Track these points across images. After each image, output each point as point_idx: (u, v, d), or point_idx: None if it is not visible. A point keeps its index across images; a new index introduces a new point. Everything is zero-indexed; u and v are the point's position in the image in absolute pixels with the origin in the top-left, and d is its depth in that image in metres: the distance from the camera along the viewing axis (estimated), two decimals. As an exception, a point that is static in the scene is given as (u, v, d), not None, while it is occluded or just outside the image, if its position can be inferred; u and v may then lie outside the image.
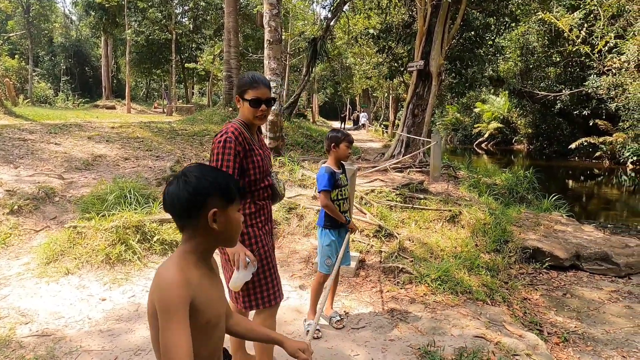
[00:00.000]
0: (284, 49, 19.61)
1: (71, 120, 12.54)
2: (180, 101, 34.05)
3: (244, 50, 23.25)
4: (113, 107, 29.37)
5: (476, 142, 27.58)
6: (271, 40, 7.51)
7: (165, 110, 26.83)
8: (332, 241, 3.00)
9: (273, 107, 2.66)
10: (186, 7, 29.37)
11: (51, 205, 5.15)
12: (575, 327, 3.78)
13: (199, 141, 9.52)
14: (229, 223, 1.17)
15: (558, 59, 20.40)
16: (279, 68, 7.63)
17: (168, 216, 3.37)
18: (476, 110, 27.23)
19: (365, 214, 5.25)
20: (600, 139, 17.60)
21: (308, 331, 3.01)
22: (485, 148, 26.69)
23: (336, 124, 31.91)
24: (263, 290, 2.14)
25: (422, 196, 6.30)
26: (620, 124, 16.74)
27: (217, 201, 1.14)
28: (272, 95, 2.26)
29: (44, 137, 7.94)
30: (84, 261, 3.92)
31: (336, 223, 2.98)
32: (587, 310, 4.09)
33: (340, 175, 3.00)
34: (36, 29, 36.84)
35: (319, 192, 2.95)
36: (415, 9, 11.59)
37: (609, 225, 7.97)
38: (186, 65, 30.02)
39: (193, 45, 31.61)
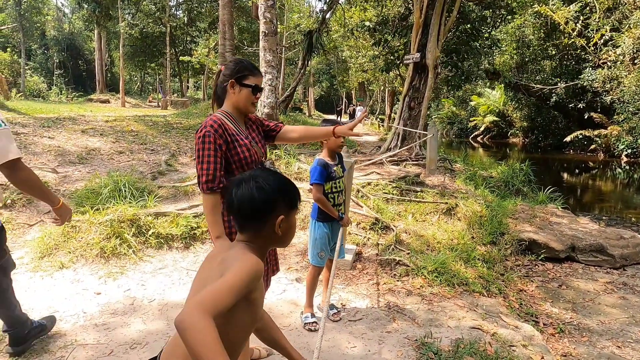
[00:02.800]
0: (279, 42, 19.46)
1: (65, 114, 12.42)
2: (175, 95, 33.85)
3: (239, 43, 23.06)
4: (107, 101, 29.15)
5: (472, 136, 27.63)
6: (267, 32, 7.44)
7: (160, 104, 26.66)
8: (325, 234, 2.97)
9: (269, 100, 2.61)
10: (180, 0, 29.10)
11: (45, 199, 5.10)
12: (571, 318, 3.80)
13: (194, 135, 9.46)
14: (290, 228, 1.24)
15: (554, 52, 20.42)
16: (275, 60, 7.57)
17: (164, 209, 3.32)
18: (472, 103, 27.24)
19: (361, 206, 5.24)
20: (595, 132, 17.67)
21: (306, 323, 3.00)
22: (481, 141, 26.74)
23: (332, 117, 31.83)
24: None
25: (418, 189, 6.30)
26: (615, 117, 16.81)
27: (284, 207, 1.19)
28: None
29: (37, 131, 7.85)
30: (78, 255, 3.89)
31: (329, 216, 2.94)
32: (582, 302, 4.12)
33: (335, 167, 2.94)
34: (28, 21, 36.35)
35: (310, 185, 2.91)
36: (411, 1, 11.52)
37: (604, 218, 8.01)
38: (181, 58, 29.77)
39: (188, 38, 31.37)
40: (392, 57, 14.29)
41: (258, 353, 2.56)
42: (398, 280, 3.82)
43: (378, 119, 30.51)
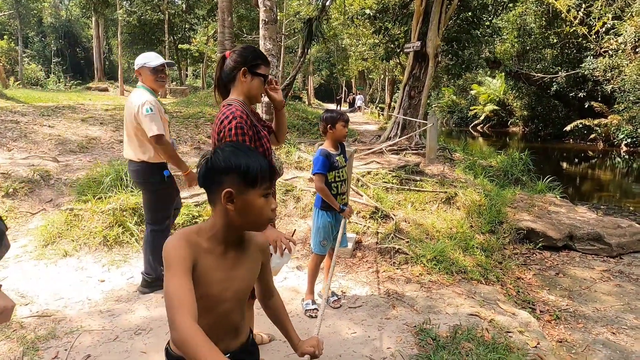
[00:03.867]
0: (279, 30, 19.30)
1: (64, 102, 12.38)
2: (174, 83, 33.64)
3: (238, 30, 22.86)
4: (106, 89, 28.98)
5: (472, 125, 27.57)
6: (266, 20, 7.39)
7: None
8: (327, 222, 3.01)
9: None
10: (178, -14, 28.76)
11: (47, 188, 5.13)
12: (567, 305, 3.87)
13: (194, 123, 9.45)
14: (247, 207, 1.14)
15: (555, 41, 20.28)
16: (275, 49, 7.53)
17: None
18: (472, 92, 27.12)
19: (361, 195, 5.28)
20: (595, 121, 17.63)
21: (307, 310, 3.06)
22: (480, 130, 26.70)
23: (332, 107, 31.72)
24: None
25: (418, 178, 6.33)
26: (615, 106, 16.76)
27: (235, 182, 1.12)
28: None
29: (36, 119, 7.85)
30: (81, 243, 3.94)
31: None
32: (578, 289, 4.18)
33: (337, 157, 2.97)
34: (25, 8, 35.95)
35: (312, 175, 2.94)
36: (412, -11, 11.41)
37: (602, 207, 8.06)
38: (179, 46, 29.53)
39: (186, 26, 31.05)
40: (392, 46, 14.19)
41: (260, 338, 2.62)
42: (397, 268, 3.87)
43: (378, 108, 30.39)
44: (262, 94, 2.07)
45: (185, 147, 7.72)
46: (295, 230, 4.43)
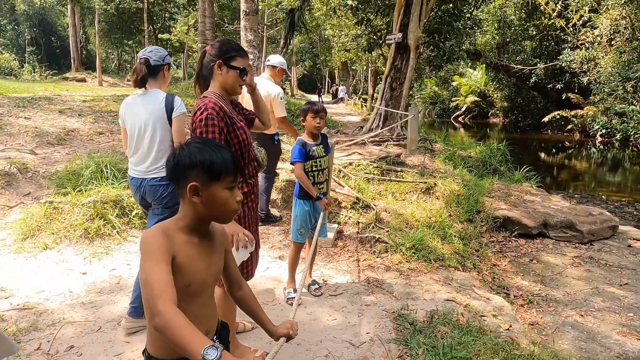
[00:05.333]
0: (260, 20, 19.12)
1: (40, 93, 12.06)
2: (155, 74, 32.97)
3: (219, 20, 22.55)
4: (84, 80, 28.31)
5: (454, 116, 27.92)
6: (247, 11, 7.35)
7: (138, 83, 25.96)
8: (306, 212, 3.06)
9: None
10: (158, -26, 28.11)
11: (24, 181, 5.05)
12: (539, 290, 4.03)
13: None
14: (212, 200, 1.20)
15: (534, 33, 20.63)
16: (256, 40, 7.50)
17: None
18: (454, 83, 27.44)
19: (343, 186, 5.35)
20: (572, 113, 18.06)
21: (288, 298, 3.12)
22: (462, 121, 27.06)
23: (315, 98, 31.67)
24: (243, 267, 2.16)
25: (399, 169, 6.44)
26: (591, 97, 17.19)
27: (199, 176, 1.18)
28: None
29: (12, 111, 7.66)
30: (62, 236, 3.91)
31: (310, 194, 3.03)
32: (550, 275, 4.35)
33: (314, 147, 3.02)
34: (-4, -5, 34.71)
35: (291, 164, 3.01)
36: (393, -20, 11.43)
37: (575, 195, 8.33)
38: (159, 36, 28.94)
39: (166, 15, 30.45)
40: (374, 37, 14.25)
41: (243, 327, 2.67)
42: (377, 257, 3.97)
43: (361, 99, 30.44)
44: (240, 86, 2.10)
45: (167, 139, 7.65)
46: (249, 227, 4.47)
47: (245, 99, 3.82)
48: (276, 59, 4.51)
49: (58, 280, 3.31)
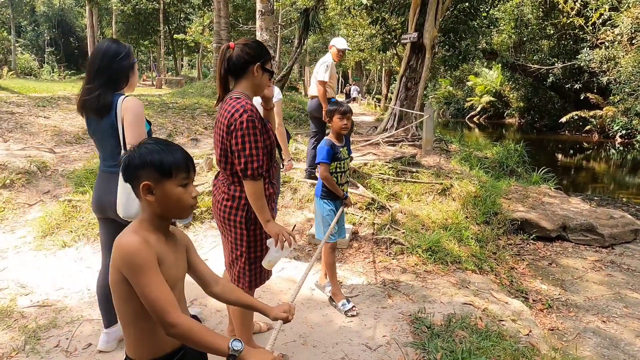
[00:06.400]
0: (275, 20, 19.17)
1: (59, 93, 12.29)
2: (170, 73, 33.43)
3: (234, 20, 22.68)
4: (101, 80, 28.68)
5: (468, 116, 27.61)
6: (263, 10, 7.36)
7: (154, 82, 26.35)
8: (331, 211, 3.03)
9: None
10: (173, -25, 28.40)
11: (44, 179, 5.14)
12: (559, 294, 3.94)
13: (190, 114, 9.43)
14: (166, 197, 1.23)
15: (552, 32, 20.27)
16: (271, 40, 7.52)
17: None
18: (469, 83, 27.13)
19: (358, 187, 5.32)
20: (591, 113, 17.71)
21: (346, 312, 2.97)
22: (477, 122, 26.75)
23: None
24: (262, 270, 2.15)
25: (414, 169, 6.37)
26: (610, 97, 16.83)
27: (151, 175, 1.21)
28: None
29: (32, 110, 7.82)
30: (80, 234, 3.96)
31: (333, 194, 3.00)
32: (570, 279, 4.26)
33: (341, 149, 3.01)
34: (17, -3, 35.49)
35: (317, 164, 2.98)
36: (409, -21, 11.34)
37: (595, 198, 8.15)
38: (175, 36, 29.28)
39: (181, 16, 30.79)
40: (389, 37, 14.16)
41: (259, 327, 2.67)
42: (393, 259, 3.92)
43: (374, 99, 30.30)
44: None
45: (182, 138, 7.72)
46: (295, 224, 4.47)
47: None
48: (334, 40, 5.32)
49: (76, 277, 3.35)
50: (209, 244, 4.04)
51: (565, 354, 2.88)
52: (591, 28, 17.12)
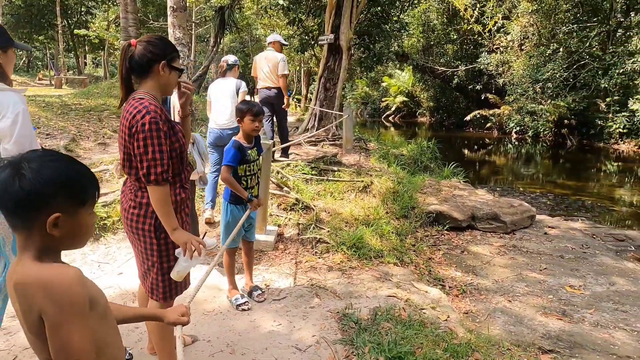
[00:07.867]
0: (189, 18, 18.42)
1: None
2: (71, 72, 30.60)
3: (143, 16, 21.38)
4: (-14, 78, 25.38)
5: (384, 115, 28.88)
6: (175, 7, 7.01)
7: (53, 82, 23.93)
8: (238, 218, 2.93)
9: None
10: (71, -35, 26.04)
11: None
12: (471, 279, 4.27)
13: (97, 117, 8.69)
14: (77, 229, 0.98)
15: (455, 37, 21.97)
16: (185, 38, 7.19)
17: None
18: (384, 84, 28.36)
19: (281, 188, 5.29)
20: (491, 112, 19.48)
21: (237, 305, 3.00)
22: (392, 121, 28.09)
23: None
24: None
25: (335, 168, 6.50)
26: (506, 97, 18.66)
27: (64, 204, 0.94)
28: None
29: None
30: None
31: (241, 198, 2.91)
32: (480, 265, 4.63)
33: (250, 151, 2.92)
34: None
35: (222, 166, 2.86)
36: (324, -19, 11.56)
37: (497, 189, 8.98)
38: (75, 31, 26.81)
39: (82, 9, 28.30)
40: (306, 38, 14.29)
41: (183, 340, 2.52)
42: (319, 258, 3.96)
43: (294, 100, 30.45)
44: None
45: (89, 143, 7.09)
46: (206, 232, 4.32)
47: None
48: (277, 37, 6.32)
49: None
50: (122, 257, 3.75)
51: (478, 334, 3.12)
52: (488, 34, 18.87)
